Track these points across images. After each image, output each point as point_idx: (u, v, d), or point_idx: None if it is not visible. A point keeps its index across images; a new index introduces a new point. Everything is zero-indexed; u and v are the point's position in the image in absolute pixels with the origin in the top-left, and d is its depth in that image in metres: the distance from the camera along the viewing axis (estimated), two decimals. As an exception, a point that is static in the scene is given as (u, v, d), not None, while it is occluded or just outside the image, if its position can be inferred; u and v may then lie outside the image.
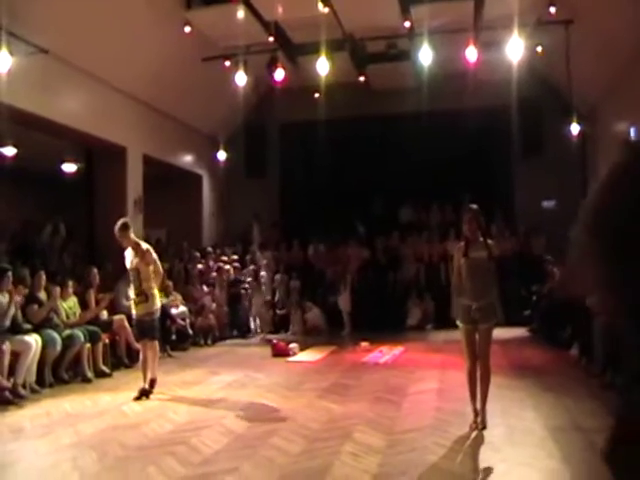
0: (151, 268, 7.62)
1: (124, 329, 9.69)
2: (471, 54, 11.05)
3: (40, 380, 7.93)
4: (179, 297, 12.22)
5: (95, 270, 9.83)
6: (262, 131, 17.50)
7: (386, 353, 10.52)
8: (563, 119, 13.64)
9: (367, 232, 16.18)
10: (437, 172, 15.60)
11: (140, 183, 13.32)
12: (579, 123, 13.28)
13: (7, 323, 7.62)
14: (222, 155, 15.97)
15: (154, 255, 7.75)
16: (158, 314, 7.82)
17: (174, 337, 11.37)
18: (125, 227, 7.56)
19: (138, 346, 9.71)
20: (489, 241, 6.12)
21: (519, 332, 12.37)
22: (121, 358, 9.70)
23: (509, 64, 11.59)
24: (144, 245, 7.76)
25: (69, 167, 15.95)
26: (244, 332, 13.53)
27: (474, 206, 6.19)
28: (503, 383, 7.66)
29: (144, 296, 7.58)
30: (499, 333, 12.15)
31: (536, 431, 5.51)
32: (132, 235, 7.67)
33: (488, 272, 5.98)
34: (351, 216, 16.17)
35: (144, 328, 7.69)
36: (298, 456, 5.02)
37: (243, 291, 13.93)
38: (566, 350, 9.55)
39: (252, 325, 13.90)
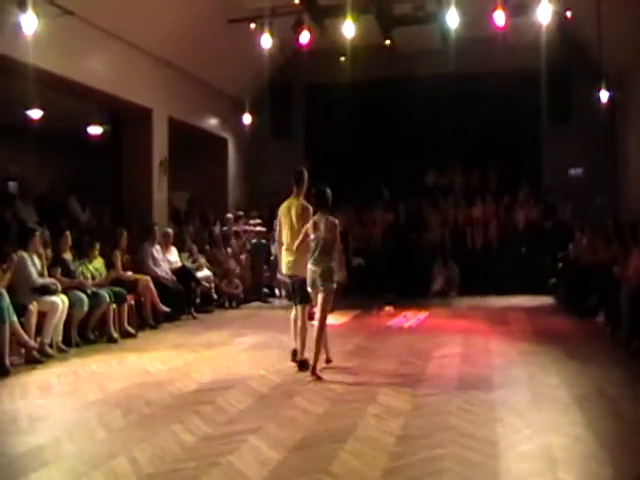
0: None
1: (149, 290, 9.75)
2: (499, 17, 10.78)
3: (67, 340, 8.02)
4: (203, 260, 12.29)
5: (123, 231, 9.89)
6: (288, 94, 17.30)
7: (410, 318, 10.52)
8: (592, 85, 13.28)
9: (391, 196, 16.09)
10: (463, 136, 15.42)
11: (165, 145, 13.26)
12: (609, 89, 12.91)
13: (39, 282, 7.65)
14: (247, 118, 15.86)
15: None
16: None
17: (199, 300, 11.46)
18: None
19: (163, 308, 9.88)
20: None
21: (544, 300, 12.31)
22: (146, 319, 9.75)
23: (538, 28, 11.28)
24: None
25: (95, 130, 15.94)
26: (268, 295, 13.58)
27: None
28: (527, 349, 7.69)
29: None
30: (526, 301, 12.31)
31: (560, 398, 5.46)
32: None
33: None
34: (376, 179, 16.08)
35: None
36: (322, 417, 5.04)
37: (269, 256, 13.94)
38: (592, 318, 9.44)
39: (276, 289, 13.94)
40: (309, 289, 6.61)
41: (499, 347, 7.90)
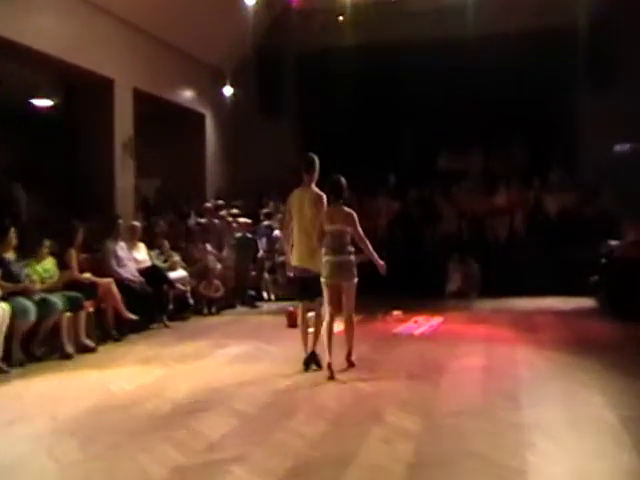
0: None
1: (112, 295, 9.61)
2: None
3: (8, 357, 7.76)
4: (177, 258, 12.23)
5: (79, 225, 9.75)
6: (276, 62, 17.25)
7: (422, 324, 10.54)
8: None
9: (398, 182, 16.06)
10: (483, 110, 15.38)
11: (130, 123, 13.21)
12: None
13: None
14: (228, 90, 15.79)
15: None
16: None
17: (172, 305, 11.39)
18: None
19: (129, 315, 9.80)
20: None
21: (582, 302, 12.25)
22: (108, 330, 9.60)
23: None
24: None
25: (45, 104, 15.79)
26: (254, 299, 13.53)
27: None
28: (562, 361, 7.66)
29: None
30: (559, 303, 12.24)
31: (603, 419, 5.40)
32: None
33: None
34: (380, 163, 16.04)
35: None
36: (318, 441, 5.03)
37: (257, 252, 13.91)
38: (640, 324, 9.48)
39: (264, 291, 13.94)
40: (322, 280, 7.26)
41: (528, 358, 7.85)
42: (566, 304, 12.29)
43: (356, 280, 7.37)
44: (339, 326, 7.63)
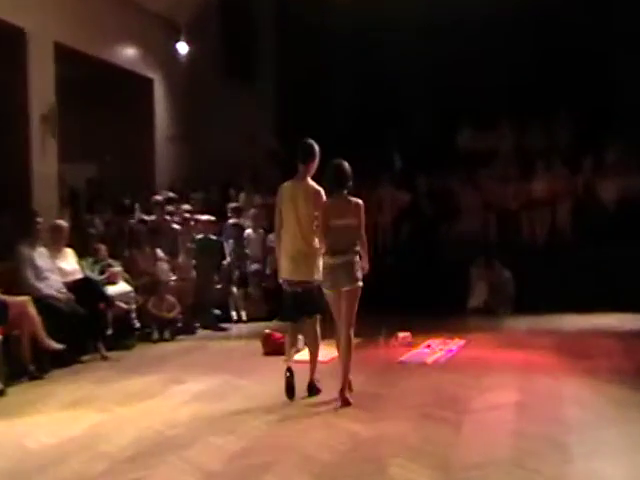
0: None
1: (28, 318, 9.47)
2: None
3: None
4: (118, 268, 12.20)
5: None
6: (245, 10, 17.27)
7: (437, 349, 10.58)
8: None
9: (406, 166, 16.05)
10: (513, 74, 15.42)
11: (52, 89, 13.14)
12: None
13: None
14: (183, 47, 15.77)
15: None
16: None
17: (111, 330, 11.33)
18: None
19: (53, 344, 9.63)
20: None
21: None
22: (23, 364, 9.48)
23: None
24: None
25: None
26: (220, 319, 13.54)
27: None
28: (625, 398, 7.63)
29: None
30: (618, 322, 12.18)
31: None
32: None
33: None
34: (383, 142, 16.04)
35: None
36: (303, 504, 5.06)
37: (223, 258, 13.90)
38: None
39: (233, 310, 13.96)
40: (326, 290, 7.74)
41: (577, 394, 7.84)
42: (627, 323, 12.34)
43: (360, 284, 7.65)
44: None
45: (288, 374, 7.80)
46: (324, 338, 8.27)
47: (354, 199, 7.73)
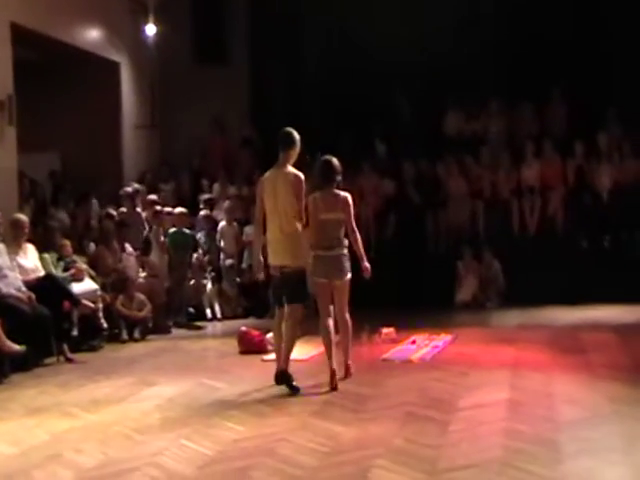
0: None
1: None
2: None
3: None
4: (84, 265, 12.16)
5: None
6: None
7: (422, 345, 10.63)
8: None
9: (390, 151, 16.04)
10: (504, 52, 15.49)
11: (9, 74, 13.05)
12: None
13: None
14: (151, 29, 15.72)
15: None
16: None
17: (76, 331, 11.32)
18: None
19: (12, 347, 9.59)
20: None
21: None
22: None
23: None
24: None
25: None
26: (194, 318, 13.54)
27: None
28: (621, 395, 7.66)
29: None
30: (614, 315, 12.21)
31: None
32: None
33: None
34: (364, 126, 16.02)
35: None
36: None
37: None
38: None
39: (207, 307, 13.95)
40: (312, 279, 8.49)
41: (570, 391, 7.86)
42: (623, 316, 12.42)
43: (350, 275, 8.56)
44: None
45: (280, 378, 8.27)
46: (305, 334, 8.36)
47: (342, 193, 8.53)
